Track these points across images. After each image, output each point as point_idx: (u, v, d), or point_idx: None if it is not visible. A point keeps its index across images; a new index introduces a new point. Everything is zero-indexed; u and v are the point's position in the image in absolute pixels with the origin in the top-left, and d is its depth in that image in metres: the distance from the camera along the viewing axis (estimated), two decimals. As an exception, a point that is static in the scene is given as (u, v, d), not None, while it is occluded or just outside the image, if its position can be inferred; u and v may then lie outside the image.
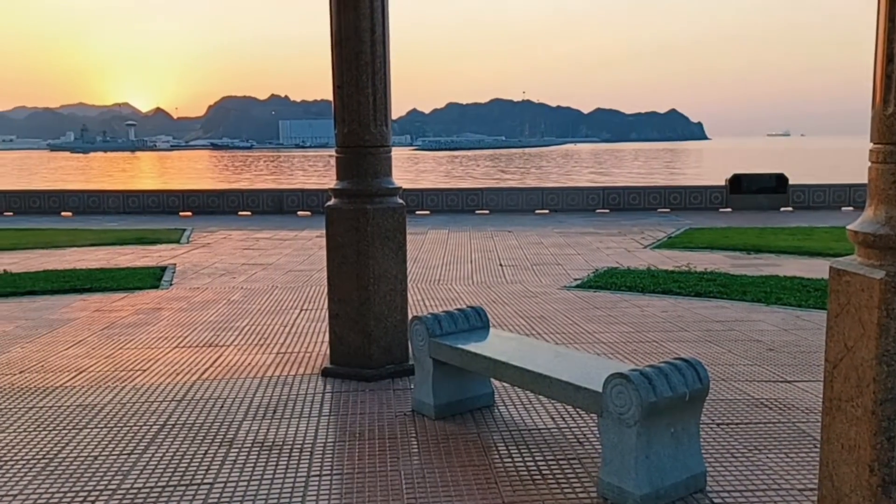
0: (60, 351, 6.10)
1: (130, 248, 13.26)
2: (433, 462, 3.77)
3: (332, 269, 5.25)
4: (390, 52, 5.11)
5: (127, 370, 5.52)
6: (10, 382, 5.23)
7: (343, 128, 5.09)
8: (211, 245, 13.68)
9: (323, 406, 4.65)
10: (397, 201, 5.24)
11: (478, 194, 21.60)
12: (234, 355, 5.91)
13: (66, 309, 7.82)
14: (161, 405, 4.70)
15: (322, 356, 5.80)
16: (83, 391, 5.01)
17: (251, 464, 3.79)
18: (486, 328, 4.53)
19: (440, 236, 14.51)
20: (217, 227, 17.27)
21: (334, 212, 5.19)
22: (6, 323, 7.18)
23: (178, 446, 4.02)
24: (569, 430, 4.19)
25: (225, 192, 23.87)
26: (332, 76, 5.07)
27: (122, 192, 23.56)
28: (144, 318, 7.39)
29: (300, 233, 15.73)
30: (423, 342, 4.38)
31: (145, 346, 6.23)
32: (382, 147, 5.14)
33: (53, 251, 12.79)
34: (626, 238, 13.91)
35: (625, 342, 6.20)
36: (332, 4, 4.98)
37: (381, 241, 5.09)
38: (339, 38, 4.95)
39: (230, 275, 10.18)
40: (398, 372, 5.16)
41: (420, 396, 4.45)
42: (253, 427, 4.30)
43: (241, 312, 7.61)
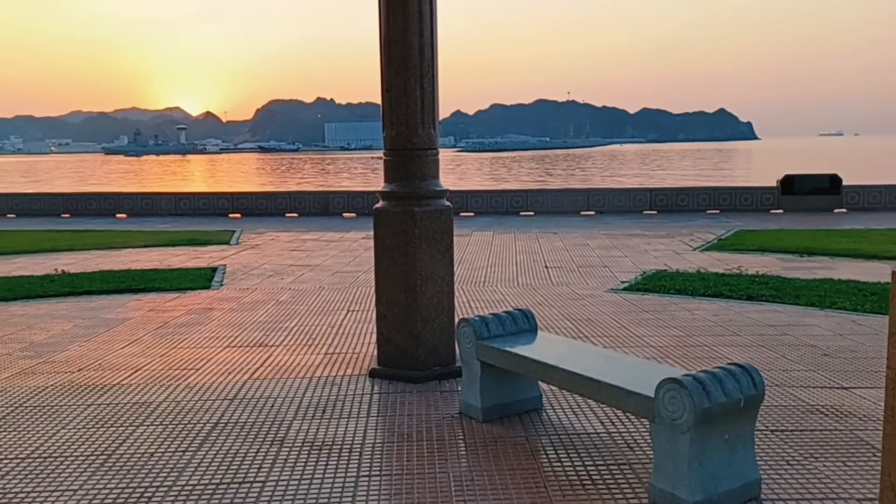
0: (116, 349, 6.26)
1: (182, 249, 13.54)
2: (481, 465, 3.77)
3: (380, 270, 5.29)
4: (438, 55, 5.12)
5: (180, 369, 5.64)
6: (69, 380, 5.38)
7: (391, 131, 5.12)
8: (259, 246, 13.90)
9: (371, 407, 4.68)
10: (445, 203, 5.25)
11: (522, 196, 21.53)
12: (283, 355, 6.00)
13: (122, 308, 8.03)
14: (214, 404, 4.79)
15: (369, 357, 5.85)
16: (139, 389, 5.14)
17: (301, 463, 3.83)
18: (534, 331, 4.51)
19: (485, 238, 14.50)
20: (265, 228, 17.54)
21: (382, 214, 5.23)
22: (65, 322, 7.40)
23: (231, 445, 4.09)
24: (619, 435, 4.14)
25: (272, 195, 24.24)
26: (380, 79, 5.11)
27: (174, 195, 24.08)
28: (196, 317, 7.54)
29: (346, 234, 15.89)
30: (470, 344, 4.38)
31: (198, 346, 6.36)
32: (430, 150, 5.16)
33: (109, 252, 13.13)
34: (675, 240, 13.71)
35: (675, 346, 6.11)
36: (380, 9, 5.02)
37: (429, 244, 5.11)
38: (388, 42, 4.99)
39: (278, 276, 10.32)
40: (445, 374, 5.17)
41: (467, 399, 4.45)
42: (303, 427, 4.35)
43: (290, 313, 7.72)
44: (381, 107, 5.18)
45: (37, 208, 23.06)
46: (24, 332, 7.00)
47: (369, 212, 19.25)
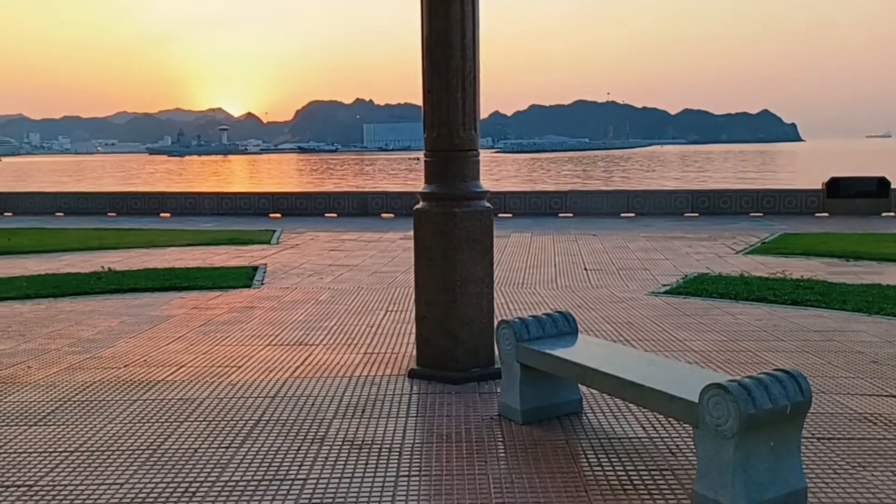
0: (161, 346, 6.39)
1: (224, 248, 13.75)
2: (521, 467, 3.76)
3: (420, 271, 5.30)
4: (480, 56, 5.12)
5: (223, 366, 5.73)
6: (116, 376, 5.50)
7: (432, 132, 5.13)
8: (299, 246, 14.05)
9: (410, 407, 4.70)
10: (485, 205, 5.25)
11: (561, 197, 21.42)
12: (323, 354, 6.05)
13: (166, 306, 8.18)
14: (256, 401, 4.86)
15: (408, 357, 5.87)
16: (183, 385, 5.23)
17: (342, 461, 3.87)
18: (575, 333, 4.48)
19: (523, 239, 14.45)
20: (305, 228, 17.71)
21: (422, 215, 5.25)
22: (111, 318, 7.56)
23: (273, 442, 4.15)
24: (660, 440, 4.10)
25: (312, 195, 24.47)
26: (421, 80, 5.13)
27: (216, 195, 24.47)
28: (238, 316, 7.65)
29: (384, 235, 15.97)
30: (510, 346, 4.37)
31: (240, 344, 6.45)
32: (471, 151, 5.16)
33: (153, 250, 13.40)
34: (717, 243, 13.50)
35: (717, 351, 6.02)
36: (423, 10, 5.03)
37: (469, 245, 5.11)
38: (430, 44, 5.00)
39: (318, 275, 10.42)
40: (484, 375, 5.17)
41: (507, 401, 4.44)
42: (343, 425, 4.39)
43: (329, 312, 7.78)
44: (421, 108, 5.20)
45: (84, 207, 23.62)
46: (73, 328, 7.18)
47: (407, 212, 19.32)
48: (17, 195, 25.70)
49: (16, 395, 5.05)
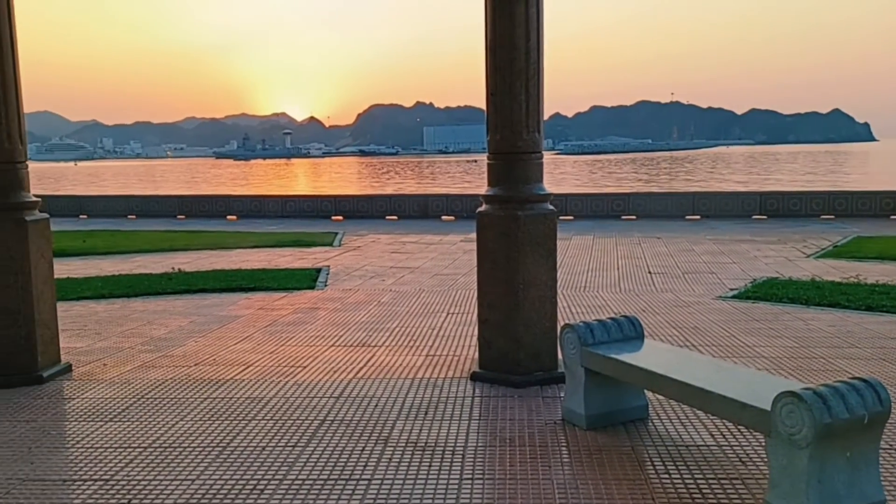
0: (229, 346, 6.54)
1: (289, 250, 14.01)
2: (585, 473, 3.72)
3: (482, 274, 5.30)
4: (544, 58, 5.09)
5: (289, 366, 5.83)
6: (187, 374, 5.67)
7: (495, 134, 5.13)
8: (361, 248, 14.21)
9: (473, 410, 4.70)
10: (548, 207, 5.22)
11: (623, 199, 21.11)
12: (385, 356, 6.10)
13: (233, 307, 8.38)
14: (321, 401, 4.93)
15: (470, 360, 5.87)
16: (251, 384, 5.35)
17: (405, 463, 3.89)
18: (641, 338, 4.41)
19: (585, 242, 14.30)
20: (366, 230, 17.91)
21: (485, 218, 5.24)
22: (181, 318, 7.79)
23: (338, 442, 4.20)
24: (730, 448, 4.00)
25: (373, 197, 24.75)
26: (485, 83, 5.13)
27: (280, 198, 24.97)
28: (303, 316, 7.78)
29: (445, 237, 16.02)
30: (574, 351, 4.33)
31: (304, 344, 6.56)
32: (534, 153, 5.13)
33: (221, 252, 13.75)
34: (787, 246, 13.11)
35: (788, 358, 5.84)
36: (486, 13, 5.03)
37: (532, 248, 5.09)
38: (494, 46, 5.00)
39: (379, 277, 10.52)
40: (547, 379, 5.13)
41: (571, 405, 4.40)
42: (406, 427, 4.41)
43: (391, 314, 7.85)
44: (481, 110, 5.20)
45: (154, 210, 24.39)
46: (145, 327, 7.42)
47: (468, 215, 19.37)
48: (92, 198, 26.71)
49: (92, 392, 5.25)
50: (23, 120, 5.44)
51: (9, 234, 5.30)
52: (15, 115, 5.33)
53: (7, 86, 5.25)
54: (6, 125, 5.29)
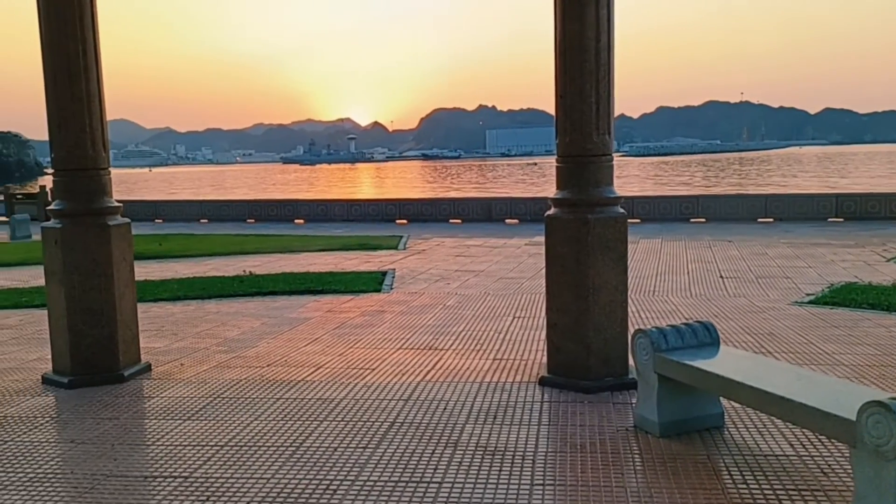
0: (300, 347, 6.66)
1: (355, 253, 14.20)
2: (659, 481, 3.64)
3: (551, 278, 5.26)
4: (614, 60, 5.03)
5: (358, 368, 5.90)
6: (260, 374, 5.79)
7: (565, 137, 5.09)
8: (425, 252, 14.29)
9: (542, 415, 4.66)
10: (619, 211, 5.14)
11: (692, 201, 20.66)
12: (452, 359, 6.11)
13: (303, 309, 8.53)
14: (390, 403, 4.97)
15: (538, 364, 5.83)
16: (321, 386, 5.43)
17: (475, 467, 3.88)
18: (716, 344, 4.30)
19: (653, 245, 14.04)
20: (430, 234, 18.00)
21: (554, 221, 5.20)
22: (253, 320, 7.97)
23: (408, 444, 4.23)
24: (810, 459, 3.86)
25: (437, 201, 24.86)
26: (554, 85, 5.09)
27: (346, 202, 25.34)
28: (370, 319, 7.87)
29: (509, 240, 15.96)
30: (647, 356, 4.25)
31: (372, 347, 6.63)
32: (604, 156, 5.07)
33: (289, 255, 14.02)
34: (866, 250, 12.59)
35: (870, 366, 5.61)
36: (556, 15, 5.00)
37: (602, 252, 5.02)
38: (563, 48, 4.96)
39: (444, 280, 10.55)
40: (617, 385, 5.05)
41: (643, 412, 4.32)
42: (475, 431, 4.41)
43: (457, 317, 7.86)
44: (544, 113, 5.18)
45: (225, 214, 25.06)
46: (219, 328, 7.62)
47: (532, 218, 19.21)
48: (167, 203, 27.62)
49: (171, 391, 5.42)
50: (106, 129, 5.67)
51: (93, 238, 5.53)
52: (99, 124, 5.55)
53: (92, 97, 5.48)
54: (91, 134, 5.51)
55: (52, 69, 5.37)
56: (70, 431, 4.62)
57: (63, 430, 4.68)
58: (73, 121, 5.43)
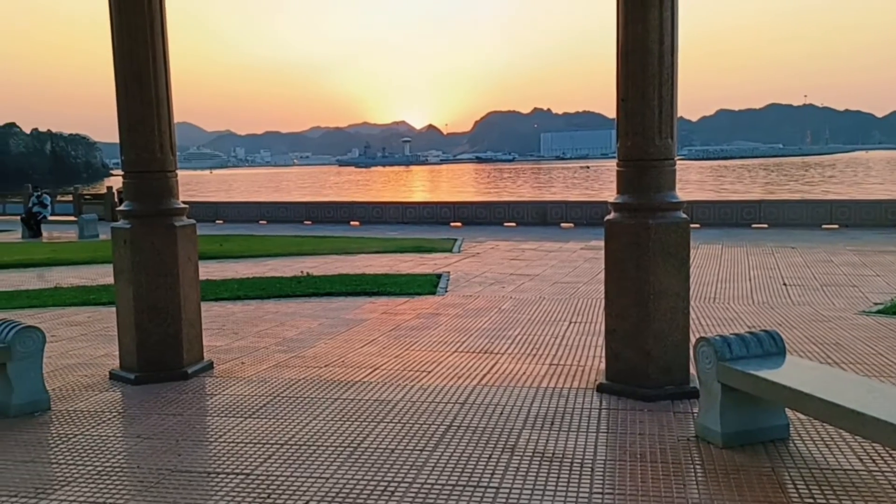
0: (357, 348, 6.73)
1: (410, 255, 14.28)
2: (723, 494, 3.56)
3: (610, 283, 5.19)
4: (678, 62, 4.94)
5: (414, 370, 5.93)
6: (317, 375, 5.87)
7: (626, 141, 5.02)
8: (480, 255, 14.28)
9: (600, 422, 4.60)
10: (681, 216, 5.05)
11: (754, 207, 20.19)
12: (508, 363, 6.09)
13: (359, 310, 8.62)
14: (446, 406, 4.98)
15: (595, 371, 5.77)
16: (378, 387, 5.48)
17: (533, 473, 3.86)
18: (782, 354, 4.19)
19: (713, 251, 13.76)
20: (485, 237, 18.00)
21: (614, 226, 5.14)
22: (311, 320, 8.08)
23: (464, 448, 4.22)
24: (881, 474, 3.72)
25: (491, 204, 24.83)
26: (615, 88, 5.03)
27: (400, 204, 25.53)
28: (425, 321, 7.90)
29: (564, 244, 15.85)
30: (710, 365, 4.16)
31: (427, 349, 6.65)
32: (667, 160, 4.99)
33: (346, 257, 14.19)
34: (939, 258, 12.10)
35: (946, 380, 5.38)
36: (618, 18, 4.94)
37: (663, 257, 4.94)
38: (626, 51, 4.90)
39: (499, 284, 10.53)
40: (678, 394, 4.96)
41: (705, 422, 4.23)
42: (532, 436, 4.38)
43: (513, 321, 7.83)
44: (602, 115, 5.13)
45: (283, 215, 25.52)
46: (278, 328, 7.75)
47: (588, 222, 19.04)
48: (227, 204, 28.26)
49: (232, 389, 5.53)
50: (173, 132, 5.83)
51: (160, 238, 5.68)
52: (167, 128, 5.71)
53: (161, 102, 5.64)
54: (159, 138, 5.68)
55: (124, 75, 5.54)
56: (136, 427, 4.75)
57: (130, 425, 4.82)
58: (143, 125, 5.60)
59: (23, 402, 5.01)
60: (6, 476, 3.99)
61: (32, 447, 4.43)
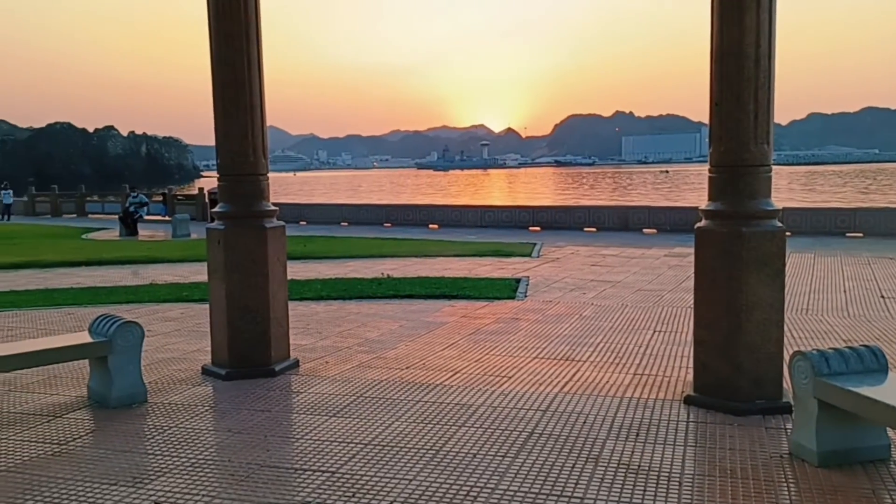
0: (437, 351, 6.77)
1: (488, 259, 14.27)
2: (819, 515, 3.41)
3: (700, 293, 5.05)
4: (775, 65, 4.78)
5: (494, 375, 5.92)
6: (399, 376, 5.93)
7: (719, 146, 4.88)
8: (559, 260, 14.15)
9: (688, 435, 4.48)
10: (776, 224, 4.87)
11: (849, 215, 19.31)
12: (590, 371, 6.01)
13: (438, 313, 8.66)
14: (527, 413, 4.95)
15: (681, 382, 5.62)
16: (459, 391, 5.49)
17: (618, 485, 3.79)
18: (884, 371, 3.98)
19: (804, 260, 13.23)
20: (564, 242, 17.82)
21: (705, 234, 5.00)
22: (392, 322, 8.18)
23: (547, 456, 4.18)
24: None
25: (571, 209, 24.59)
26: (709, 92, 4.90)
27: (479, 208, 25.56)
28: (504, 326, 7.87)
29: (647, 251, 15.53)
30: (806, 381, 3.99)
31: (508, 354, 6.63)
32: (762, 166, 4.82)
33: (424, 259, 14.30)
34: None
35: None
36: (713, 20, 4.81)
37: (757, 267, 4.77)
38: (720, 54, 4.76)
39: (580, 290, 10.40)
40: (770, 409, 4.78)
41: (800, 439, 4.06)
42: (617, 447, 4.30)
43: (594, 329, 7.72)
44: (685, 119, 5.00)
45: (364, 217, 25.93)
46: (360, 328, 7.87)
47: (671, 228, 18.61)
48: (310, 206, 28.92)
49: (317, 387, 5.65)
50: (266, 137, 6.01)
51: (252, 239, 5.87)
52: (259, 133, 5.89)
53: (255, 108, 5.82)
54: (252, 142, 5.86)
55: (221, 81, 5.75)
56: (227, 421, 4.91)
57: (221, 419, 4.98)
58: (237, 129, 5.79)
59: (122, 394, 5.25)
60: (106, 464, 4.18)
61: (130, 437, 4.64)
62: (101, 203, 36.10)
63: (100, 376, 5.33)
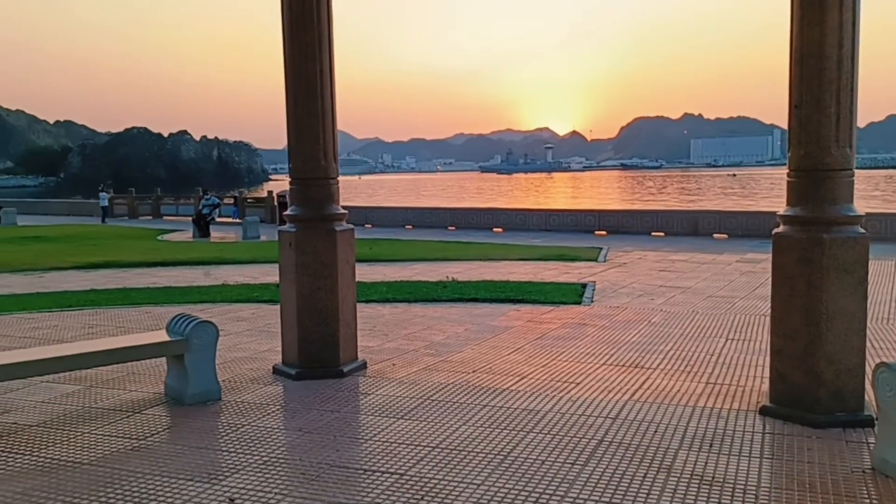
0: (503, 356, 6.75)
1: (553, 263, 14.16)
2: (907, 535, 3.27)
3: (778, 301, 4.90)
4: (859, 67, 4.60)
5: (562, 381, 5.86)
6: (465, 380, 5.94)
7: (798, 150, 4.72)
8: (627, 265, 13.93)
9: (764, 447, 4.35)
10: (859, 231, 4.69)
11: (933, 220, 18.42)
12: (661, 379, 5.89)
13: (503, 317, 8.64)
14: (596, 420, 4.88)
15: (756, 392, 5.46)
16: (526, 396, 5.46)
17: (691, 496, 3.70)
18: (978, 386, 3.78)
19: (885, 268, 12.70)
20: (631, 247, 17.53)
21: (783, 240, 4.85)
22: (457, 325, 8.19)
23: (617, 465, 4.12)
24: None
25: (638, 213, 24.19)
26: (788, 94, 4.75)
27: (543, 211, 25.36)
28: (571, 331, 7.80)
29: (718, 256, 15.16)
30: (891, 393, 3.83)
31: (575, 360, 6.56)
32: (844, 171, 4.65)
33: (489, 263, 14.28)
34: None
35: None
36: (793, 20, 4.67)
37: (838, 275, 4.60)
38: (801, 55, 4.61)
39: (648, 296, 10.21)
40: (851, 422, 4.60)
41: (884, 455, 3.90)
42: (689, 458, 4.21)
43: (663, 336, 7.57)
44: (756, 122, 4.84)
45: (428, 221, 26.04)
46: (426, 331, 7.91)
47: (743, 233, 18.11)
48: (376, 209, 29.24)
49: (385, 389, 5.70)
50: (336, 142, 6.11)
51: (322, 242, 5.97)
52: (330, 137, 6.00)
53: (326, 113, 5.93)
54: (323, 146, 5.96)
55: (294, 88, 5.87)
56: (298, 421, 5.01)
57: (291, 418, 5.08)
58: (309, 134, 5.90)
59: (197, 392, 5.40)
60: (183, 460, 4.31)
61: (205, 435, 4.77)
62: (175, 205, 37.26)
63: (177, 374, 5.50)
